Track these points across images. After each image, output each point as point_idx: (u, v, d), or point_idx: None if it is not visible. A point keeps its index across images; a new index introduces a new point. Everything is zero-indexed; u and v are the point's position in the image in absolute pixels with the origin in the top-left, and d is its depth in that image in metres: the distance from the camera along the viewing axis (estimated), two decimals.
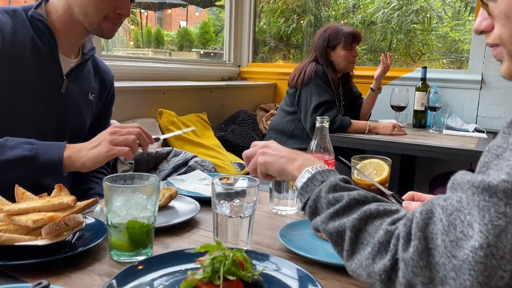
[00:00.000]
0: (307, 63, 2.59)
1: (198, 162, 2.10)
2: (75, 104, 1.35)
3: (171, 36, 5.77)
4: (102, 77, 1.48)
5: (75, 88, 1.34)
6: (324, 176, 0.76)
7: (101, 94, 1.48)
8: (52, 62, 1.27)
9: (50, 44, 1.25)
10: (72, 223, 0.84)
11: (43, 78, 1.25)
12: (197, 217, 1.08)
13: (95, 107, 1.46)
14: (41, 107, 1.26)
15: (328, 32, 2.56)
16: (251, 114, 3.23)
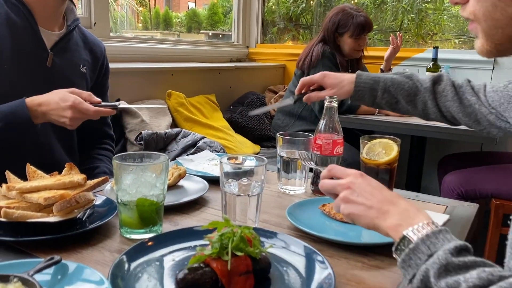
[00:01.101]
0: (314, 44, 2.55)
1: (207, 143, 2.11)
2: (65, 77, 1.33)
3: (179, 18, 5.72)
4: (92, 49, 1.46)
5: (63, 61, 1.32)
6: (430, 246, 0.60)
7: (94, 66, 1.47)
8: (32, 37, 1.25)
9: (27, 18, 1.23)
10: (82, 200, 0.86)
11: (24, 54, 1.24)
12: (205, 196, 1.09)
13: (90, 79, 1.45)
14: (26, 82, 1.24)
15: (339, 16, 2.50)
16: (259, 95, 3.21)
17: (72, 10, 1.38)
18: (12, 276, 0.59)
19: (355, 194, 0.73)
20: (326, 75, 1.26)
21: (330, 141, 1.13)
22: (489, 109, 1.13)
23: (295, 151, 1.16)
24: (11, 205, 0.80)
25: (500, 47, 0.70)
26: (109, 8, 2.45)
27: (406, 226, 0.64)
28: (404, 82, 1.22)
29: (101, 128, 1.57)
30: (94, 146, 1.54)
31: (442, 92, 1.19)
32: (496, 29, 0.67)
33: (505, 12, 0.65)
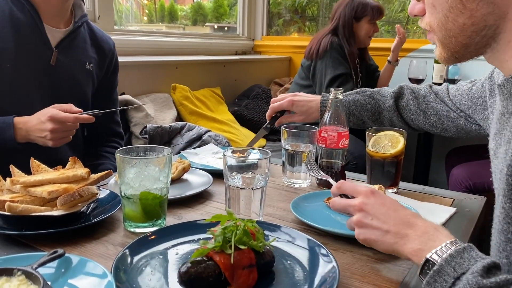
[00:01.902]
0: (324, 34, 2.52)
1: (212, 137, 2.11)
2: (69, 75, 1.32)
3: (184, 11, 5.70)
4: (100, 46, 1.44)
5: (68, 59, 1.31)
6: (455, 267, 0.58)
7: (101, 63, 1.45)
8: (37, 34, 1.23)
9: (31, 15, 1.22)
10: (86, 194, 0.86)
11: (28, 52, 1.22)
12: (210, 190, 1.08)
13: (96, 77, 1.43)
14: (29, 81, 1.24)
15: (356, 2, 2.48)
16: (265, 88, 3.20)
17: (80, 5, 1.36)
18: (16, 270, 0.59)
19: (369, 217, 0.70)
20: (294, 102, 1.28)
21: (336, 133, 1.12)
22: (458, 113, 1.14)
23: (300, 144, 1.15)
24: (15, 199, 0.80)
25: (456, 54, 0.73)
26: (114, 2, 2.44)
27: (427, 250, 0.62)
28: (367, 103, 1.25)
29: (109, 125, 1.55)
30: (102, 143, 1.53)
31: (406, 107, 1.22)
32: (450, 38, 0.71)
33: (456, 22, 0.69)
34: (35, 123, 1.13)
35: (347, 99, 1.26)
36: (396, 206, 0.71)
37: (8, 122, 1.14)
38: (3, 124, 1.14)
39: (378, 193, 0.73)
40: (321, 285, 0.64)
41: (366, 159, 1.16)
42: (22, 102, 1.23)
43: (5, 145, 1.14)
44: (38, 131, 1.12)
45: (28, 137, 1.15)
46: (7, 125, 1.14)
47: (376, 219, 0.69)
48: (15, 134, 1.14)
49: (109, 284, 0.61)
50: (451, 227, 0.91)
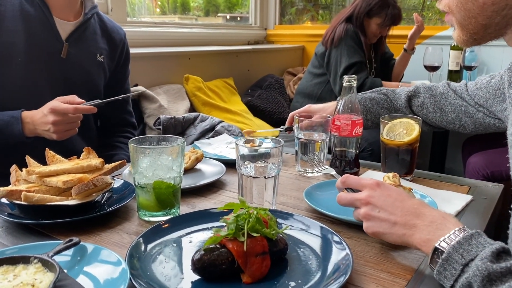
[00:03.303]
0: (339, 21, 2.49)
1: (225, 127, 2.11)
2: (80, 67, 1.32)
3: (197, 2, 5.68)
4: (111, 37, 1.44)
5: (79, 51, 1.31)
6: (463, 254, 0.58)
7: (112, 54, 1.45)
8: (47, 27, 1.23)
9: (41, 9, 1.22)
10: (100, 184, 0.86)
11: (39, 45, 1.23)
12: (223, 179, 1.09)
13: (107, 68, 1.43)
14: (40, 74, 1.24)
15: (376, 0, 2.42)
16: (278, 78, 3.18)
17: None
18: (32, 257, 0.60)
19: (376, 210, 0.70)
20: (310, 106, 1.34)
21: (349, 121, 1.10)
22: (476, 108, 1.13)
23: (313, 133, 1.14)
24: (31, 188, 0.81)
25: (475, 35, 0.72)
26: None
27: (436, 239, 0.62)
28: (382, 101, 1.26)
29: (122, 115, 1.56)
30: (115, 134, 1.54)
31: (422, 106, 1.21)
32: (469, 19, 0.70)
33: (476, 2, 0.68)
34: (40, 117, 1.13)
35: (363, 97, 1.27)
36: (403, 196, 0.70)
37: (17, 116, 1.15)
38: (12, 119, 1.15)
39: (384, 185, 0.73)
40: (335, 272, 0.64)
41: (381, 147, 1.15)
42: (33, 96, 1.23)
43: (14, 139, 1.15)
44: (42, 124, 1.12)
45: (35, 131, 1.16)
46: (15, 119, 1.15)
47: (383, 211, 0.69)
48: (23, 128, 1.15)
49: (123, 272, 0.61)
50: (467, 215, 0.90)
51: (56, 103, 1.11)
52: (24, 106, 1.18)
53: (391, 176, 0.95)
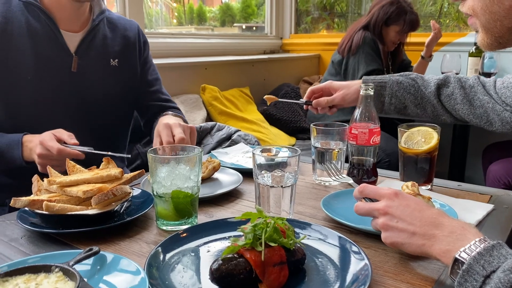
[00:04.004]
0: (356, 29, 2.49)
1: (241, 136, 2.12)
2: (92, 79, 1.27)
3: (213, 12, 5.75)
4: (124, 35, 1.36)
5: (90, 62, 1.26)
6: (485, 266, 0.56)
7: (129, 52, 1.37)
8: (55, 42, 1.19)
9: (48, 24, 1.18)
10: (119, 193, 0.88)
11: (48, 61, 1.19)
12: (240, 188, 1.09)
13: (123, 70, 1.35)
14: (50, 91, 1.20)
15: (393, 7, 2.42)
16: (294, 87, 3.19)
17: (98, 2, 1.30)
18: (54, 266, 0.61)
19: (394, 220, 0.69)
20: (332, 82, 1.28)
21: (366, 130, 1.10)
22: (504, 106, 1.10)
23: (329, 142, 1.14)
24: (52, 198, 0.83)
25: (500, 39, 0.70)
26: (144, 5, 2.49)
27: (456, 249, 0.61)
28: (410, 86, 1.21)
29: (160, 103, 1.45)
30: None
31: (451, 96, 1.17)
32: (494, 22, 0.69)
33: (502, 5, 0.66)
34: (34, 143, 1.07)
35: (390, 79, 1.22)
36: (421, 206, 0.69)
37: (17, 140, 1.12)
38: (13, 143, 1.12)
39: (402, 195, 0.72)
40: (353, 282, 0.63)
41: (399, 155, 1.14)
42: (46, 114, 1.20)
43: (14, 164, 1.12)
44: (33, 152, 1.07)
45: (31, 156, 1.10)
46: (16, 143, 1.11)
47: (401, 221, 0.68)
48: (22, 152, 1.10)
49: (142, 281, 0.62)
50: (489, 225, 0.88)
51: (48, 137, 1.05)
52: (37, 124, 1.15)
53: (409, 185, 0.94)
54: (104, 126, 1.31)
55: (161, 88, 1.49)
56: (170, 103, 1.49)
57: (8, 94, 1.16)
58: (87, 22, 1.28)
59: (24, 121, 1.18)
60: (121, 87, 1.35)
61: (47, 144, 1.03)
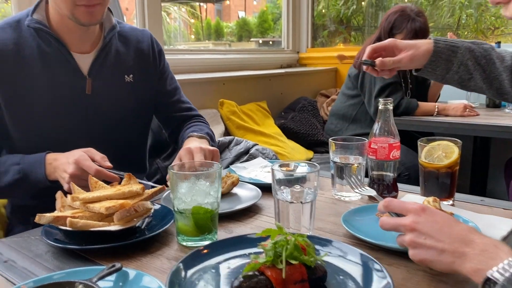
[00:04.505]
0: (370, 43, 2.49)
1: (259, 150, 2.12)
2: (107, 99, 1.25)
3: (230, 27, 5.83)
4: (137, 48, 1.34)
5: (104, 82, 1.24)
6: None
7: (144, 64, 1.34)
8: (67, 66, 1.18)
9: (58, 48, 1.17)
10: (141, 209, 0.89)
11: (62, 86, 1.18)
12: (259, 203, 1.09)
13: (139, 84, 1.32)
14: (65, 115, 1.19)
15: (395, 16, 2.41)
16: (311, 100, 3.19)
17: (108, 17, 1.27)
18: (77, 283, 0.62)
19: (422, 237, 0.67)
20: (396, 40, 1.12)
21: (386, 145, 1.09)
22: None
23: (349, 157, 1.14)
24: (75, 214, 0.85)
25: None
26: (163, 22, 2.55)
27: (488, 269, 0.59)
28: (481, 56, 1.10)
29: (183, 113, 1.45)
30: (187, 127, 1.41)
31: None
32: None
33: None
34: (62, 162, 1.06)
35: (463, 44, 1.12)
36: (450, 222, 0.67)
37: (40, 159, 1.10)
38: (36, 163, 1.10)
39: (429, 210, 0.70)
40: None
41: (419, 170, 1.13)
42: (62, 136, 1.19)
43: (39, 184, 1.10)
44: (61, 170, 1.05)
45: (54, 175, 1.08)
46: (39, 163, 1.09)
47: (430, 238, 0.66)
48: (45, 171, 1.08)
49: None
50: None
51: (83, 156, 1.04)
52: (54, 146, 1.14)
53: (431, 200, 0.93)
54: (121, 143, 1.31)
55: (182, 96, 1.48)
56: (192, 112, 1.48)
57: (24, 120, 1.16)
58: (98, 40, 1.26)
59: (41, 144, 1.16)
60: (138, 103, 1.33)
61: (83, 164, 1.01)
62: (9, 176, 1.11)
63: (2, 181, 1.11)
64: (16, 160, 1.12)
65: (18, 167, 1.11)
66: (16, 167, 1.11)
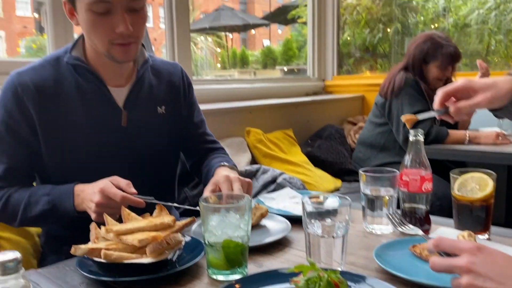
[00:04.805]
0: (397, 71, 2.49)
1: (286, 179, 2.12)
2: (142, 130, 1.29)
3: (255, 56, 5.93)
4: (169, 81, 1.39)
5: (138, 114, 1.28)
6: None
7: (176, 97, 1.39)
8: (103, 99, 1.23)
9: (95, 82, 1.22)
10: (173, 242, 0.90)
11: (98, 118, 1.22)
12: (288, 236, 1.08)
13: (171, 115, 1.37)
14: (102, 147, 1.23)
15: (427, 45, 2.41)
16: (338, 128, 3.18)
17: (141, 52, 1.32)
18: None
19: (480, 279, 0.61)
20: (471, 81, 1.01)
21: (418, 177, 1.07)
22: None
23: (380, 188, 1.12)
24: (109, 246, 0.86)
25: None
26: (191, 52, 2.62)
27: None
28: None
29: (206, 145, 1.48)
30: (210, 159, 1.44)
31: None
32: None
33: None
34: (89, 192, 1.08)
35: None
36: (511, 262, 0.63)
37: (69, 191, 1.12)
38: (65, 194, 1.13)
39: (486, 249, 0.65)
40: None
41: (452, 202, 1.10)
42: (96, 167, 1.22)
43: (67, 215, 1.12)
44: (88, 200, 1.07)
45: (82, 206, 1.10)
46: (68, 194, 1.12)
47: (489, 280, 0.61)
48: (74, 202, 1.11)
49: None
50: None
51: (108, 184, 1.06)
52: (86, 176, 1.15)
53: (466, 235, 0.91)
54: (152, 172, 1.34)
55: (206, 129, 1.52)
56: (216, 145, 1.52)
57: (60, 151, 1.20)
58: (132, 74, 1.30)
59: (74, 174, 1.19)
60: (169, 133, 1.37)
61: (109, 191, 1.04)
62: (39, 206, 1.14)
63: (33, 210, 1.14)
64: (46, 191, 1.15)
65: (47, 197, 1.14)
66: (46, 198, 1.14)
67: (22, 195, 1.16)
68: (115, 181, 1.09)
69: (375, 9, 3.93)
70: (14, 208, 1.15)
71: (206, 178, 1.34)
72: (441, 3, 3.57)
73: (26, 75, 1.18)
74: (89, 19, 1.12)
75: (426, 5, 3.70)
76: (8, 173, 1.18)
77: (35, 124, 1.17)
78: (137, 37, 1.18)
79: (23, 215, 1.15)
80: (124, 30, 1.11)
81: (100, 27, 1.13)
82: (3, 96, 1.18)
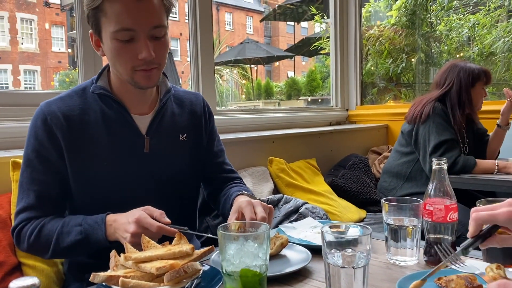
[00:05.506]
0: (430, 100, 2.45)
1: (309, 209, 2.09)
2: (165, 157, 1.32)
3: (279, 87, 6.00)
4: (191, 110, 1.42)
5: (161, 141, 1.31)
6: None
7: (197, 126, 1.42)
8: (127, 127, 1.26)
9: (119, 110, 1.26)
10: (190, 270, 0.89)
11: (122, 146, 1.25)
12: (309, 267, 1.06)
13: (193, 143, 1.40)
14: (125, 174, 1.25)
15: (469, 69, 2.41)
16: (362, 157, 3.14)
17: (164, 82, 1.36)
18: None
19: None
20: None
21: (442, 206, 1.04)
22: None
23: (403, 218, 1.09)
24: (127, 274, 0.86)
25: None
26: (216, 84, 2.67)
27: None
28: None
29: (225, 175, 1.50)
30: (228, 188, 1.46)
31: None
32: None
33: None
34: (123, 222, 1.09)
35: None
36: None
37: (101, 220, 1.14)
38: (96, 224, 1.14)
39: None
40: None
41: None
42: (119, 194, 1.25)
43: (99, 245, 1.13)
44: (123, 230, 1.08)
45: (114, 235, 1.11)
46: (100, 224, 1.13)
47: None
48: (106, 232, 1.12)
49: None
50: None
51: (143, 215, 1.08)
52: (115, 208, 1.17)
53: (494, 267, 0.87)
54: (173, 200, 1.35)
55: (225, 159, 1.54)
56: (233, 174, 1.53)
57: (86, 178, 1.23)
58: (155, 102, 1.34)
59: (98, 200, 1.22)
60: (191, 160, 1.39)
61: (145, 222, 1.05)
62: (71, 237, 1.15)
63: (65, 241, 1.15)
64: (78, 221, 1.17)
65: (80, 228, 1.15)
66: (78, 228, 1.15)
67: (55, 226, 1.17)
68: (149, 210, 1.10)
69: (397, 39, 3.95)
70: (47, 239, 1.16)
71: (224, 206, 1.34)
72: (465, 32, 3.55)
73: (54, 104, 1.23)
74: (114, 47, 1.17)
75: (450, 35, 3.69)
76: (40, 201, 1.20)
77: (63, 151, 1.21)
78: (159, 63, 1.21)
79: (56, 246, 1.16)
80: (147, 56, 1.15)
81: (124, 54, 1.16)
82: (33, 125, 1.23)
